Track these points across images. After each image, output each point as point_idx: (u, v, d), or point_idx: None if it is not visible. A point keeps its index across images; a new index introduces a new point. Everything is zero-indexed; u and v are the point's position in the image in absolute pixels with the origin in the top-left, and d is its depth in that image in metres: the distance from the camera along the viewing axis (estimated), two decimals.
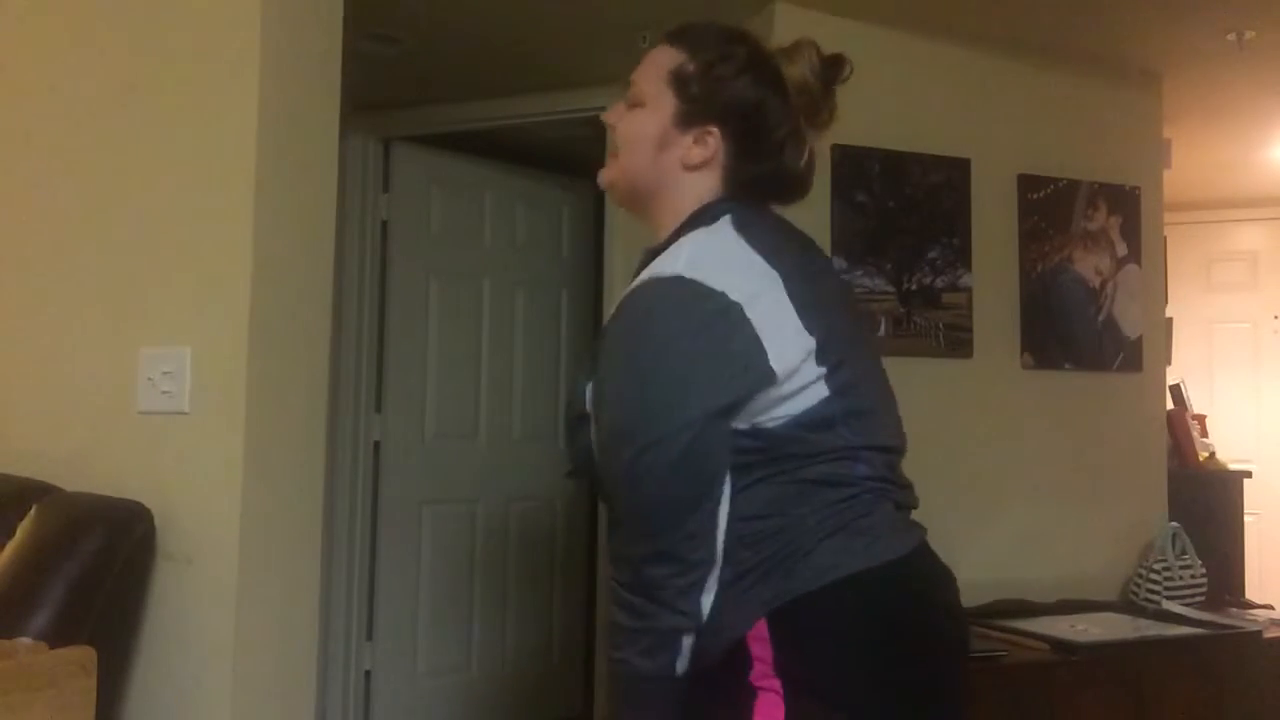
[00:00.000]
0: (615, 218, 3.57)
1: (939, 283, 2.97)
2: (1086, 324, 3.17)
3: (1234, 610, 3.03)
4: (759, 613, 1.20)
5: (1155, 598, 2.97)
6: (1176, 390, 3.74)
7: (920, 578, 1.27)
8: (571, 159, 4.15)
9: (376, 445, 3.74)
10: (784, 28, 2.86)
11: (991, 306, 3.04)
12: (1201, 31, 2.99)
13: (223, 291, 1.96)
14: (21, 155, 2.23)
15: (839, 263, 2.86)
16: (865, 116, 2.94)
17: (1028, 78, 3.16)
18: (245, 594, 1.91)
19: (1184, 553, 3.06)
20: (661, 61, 1.37)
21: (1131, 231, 3.25)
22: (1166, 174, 3.43)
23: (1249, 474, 3.81)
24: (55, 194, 2.17)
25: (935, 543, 1.33)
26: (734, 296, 1.22)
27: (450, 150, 3.92)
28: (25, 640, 1.65)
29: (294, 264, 2.05)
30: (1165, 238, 3.42)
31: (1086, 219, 3.20)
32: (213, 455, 1.94)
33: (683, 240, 1.30)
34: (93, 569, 1.78)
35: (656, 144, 1.35)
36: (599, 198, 3.82)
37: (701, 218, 1.32)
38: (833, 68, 1.37)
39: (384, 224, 3.79)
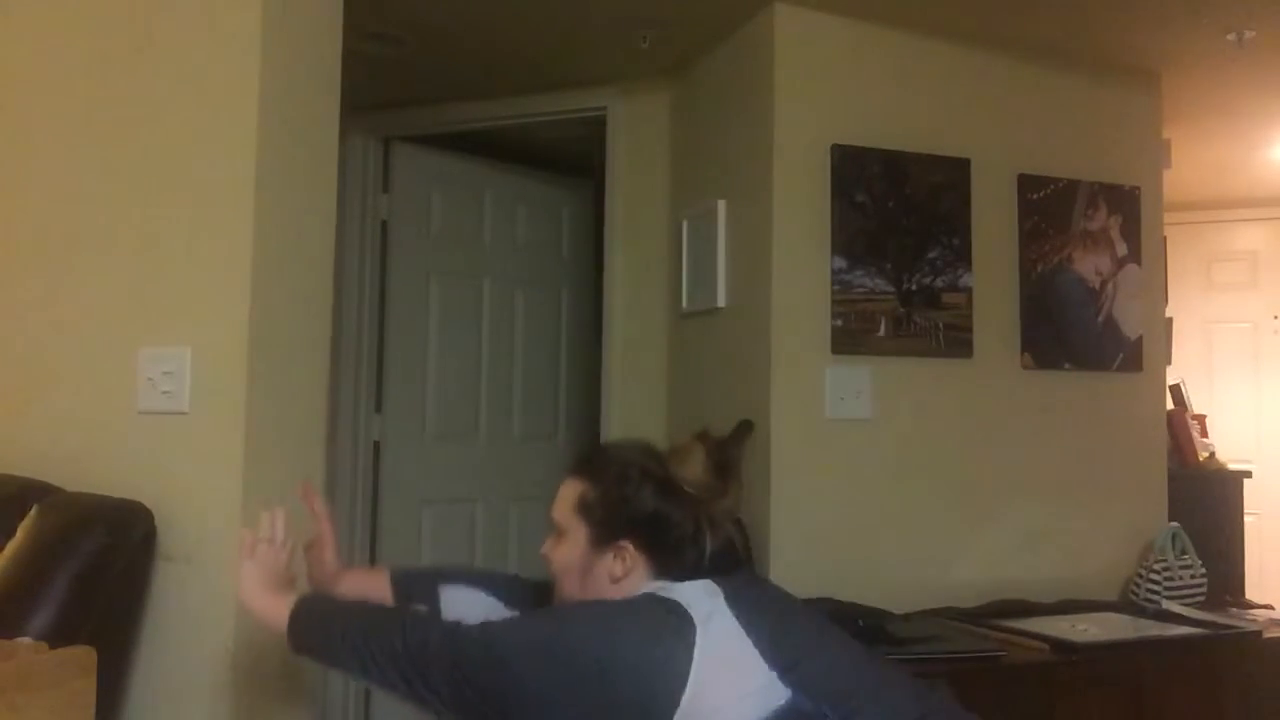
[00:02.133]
0: (615, 218, 3.57)
1: (939, 283, 2.97)
2: (1086, 324, 3.17)
3: (1234, 610, 3.03)
4: None
5: (1155, 598, 2.97)
6: (1176, 390, 3.74)
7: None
8: (571, 159, 4.16)
9: (376, 445, 3.74)
10: (784, 28, 2.86)
11: (991, 306, 3.04)
12: (1201, 31, 2.99)
13: (223, 291, 1.96)
14: (21, 155, 2.23)
15: (839, 263, 2.86)
16: (865, 116, 2.94)
17: (1028, 78, 3.16)
18: None
19: (1184, 553, 3.06)
20: (569, 494, 1.58)
21: (1131, 231, 3.25)
22: (1166, 174, 3.43)
23: (1249, 474, 3.81)
24: (55, 194, 2.17)
25: (936, 542, 1.33)
26: (693, 612, 1.36)
27: (450, 150, 3.92)
28: (25, 640, 1.65)
29: (294, 264, 2.05)
30: (1165, 238, 3.41)
31: (1086, 219, 3.19)
32: (213, 455, 1.94)
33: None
34: (93, 569, 1.78)
35: (580, 570, 1.53)
36: (599, 198, 3.82)
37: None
38: (726, 449, 1.61)
39: (384, 224, 3.79)
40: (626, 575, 1.49)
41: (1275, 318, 5.04)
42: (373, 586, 1.75)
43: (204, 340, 1.97)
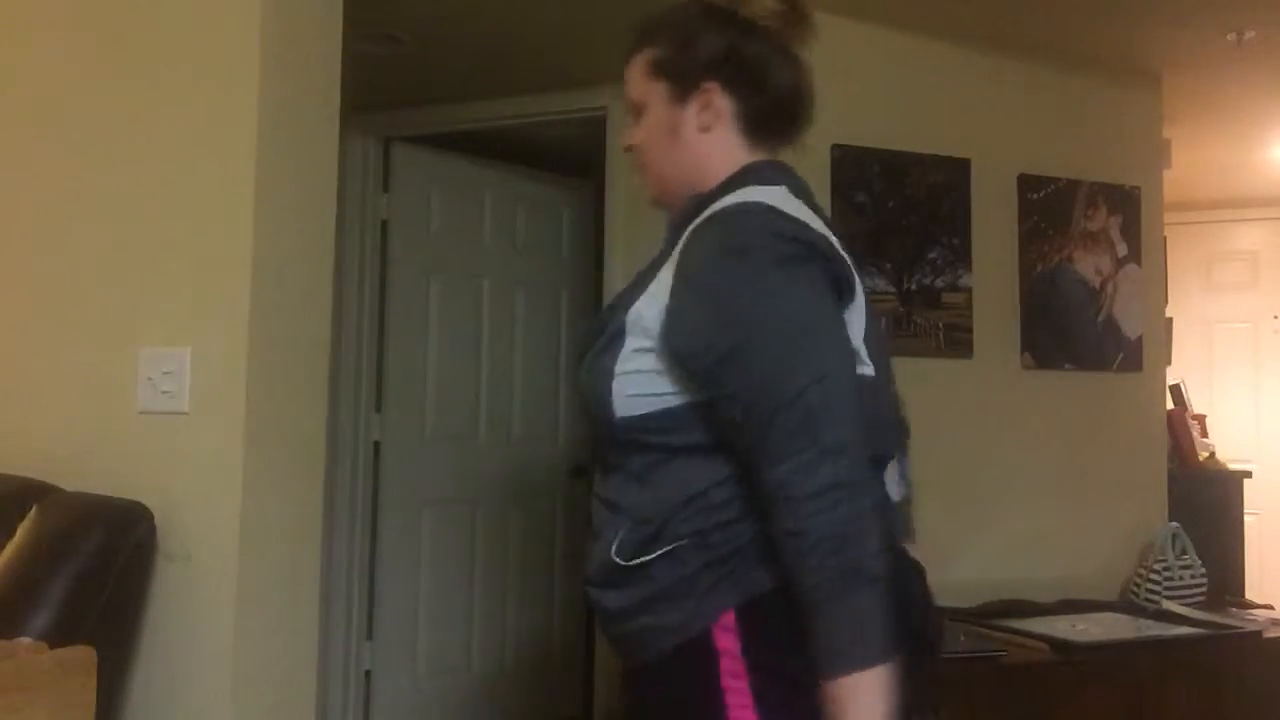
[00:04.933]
0: (615, 218, 3.57)
1: (939, 283, 2.97)
2: (1086, 324, 3.17)
3: (1234, 610, 3.03)
4: (728, 604, 1.19)
5: (1155, 598, 2.97)
6: (1176, 390, 3.74)
7: (893, 574, 1.23)
8: (571, 159, 4.15)
9: (376, 445, 3.74)
10: None
11: (991, 306, 3.04)
12: (1201, 31, 2.99)
13: (223, 291, 1.96)
14: (21, 156, 2.23)
15: None
16: (865, 116, 2.94)
17: (1028, 78, 3.15)
18: (245, 594, 1.91)
19: (1184, 553, 3.06)
20: (638, 66, 1.44)
21: (1131, 231, 3.25)
22: (1166, 174, 3.43)
23: (1249, 474, 3.81)
24: (55, 194, 2.17)
25: (936, 542, 1.33)
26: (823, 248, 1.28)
27: (450, 150, 3.91)
28: (25, 640, 1.65)
29: (294, 264, 2.05)
30: (1165, 238, 3.42)
31: (1086, 219, 3.19)
32: (213, 455, 1.94)
33: (745, 190, 1.31)
34: (93, 569, 1.78)
35: (669, 131, 1.40)
36: (599, 198, 3.82)
37: (749, 176, 1.35)
38: None
39: (384, 224, 3.78)
40: (715, 123, 1.38)
41: (1275, 318, 5.04)
42: None
43: (204, 340, 1.97)
